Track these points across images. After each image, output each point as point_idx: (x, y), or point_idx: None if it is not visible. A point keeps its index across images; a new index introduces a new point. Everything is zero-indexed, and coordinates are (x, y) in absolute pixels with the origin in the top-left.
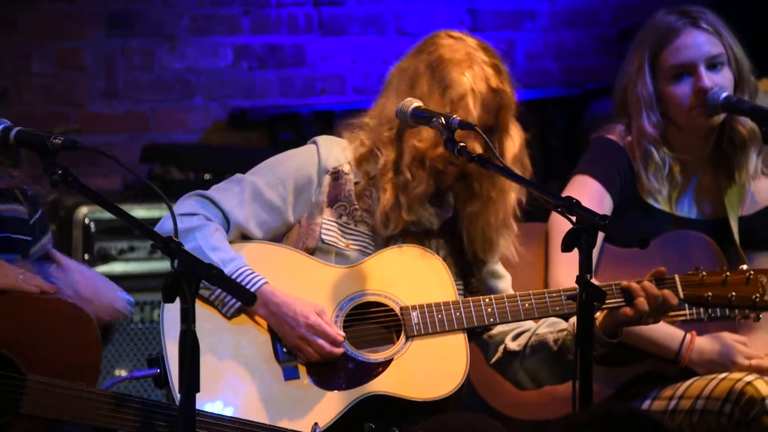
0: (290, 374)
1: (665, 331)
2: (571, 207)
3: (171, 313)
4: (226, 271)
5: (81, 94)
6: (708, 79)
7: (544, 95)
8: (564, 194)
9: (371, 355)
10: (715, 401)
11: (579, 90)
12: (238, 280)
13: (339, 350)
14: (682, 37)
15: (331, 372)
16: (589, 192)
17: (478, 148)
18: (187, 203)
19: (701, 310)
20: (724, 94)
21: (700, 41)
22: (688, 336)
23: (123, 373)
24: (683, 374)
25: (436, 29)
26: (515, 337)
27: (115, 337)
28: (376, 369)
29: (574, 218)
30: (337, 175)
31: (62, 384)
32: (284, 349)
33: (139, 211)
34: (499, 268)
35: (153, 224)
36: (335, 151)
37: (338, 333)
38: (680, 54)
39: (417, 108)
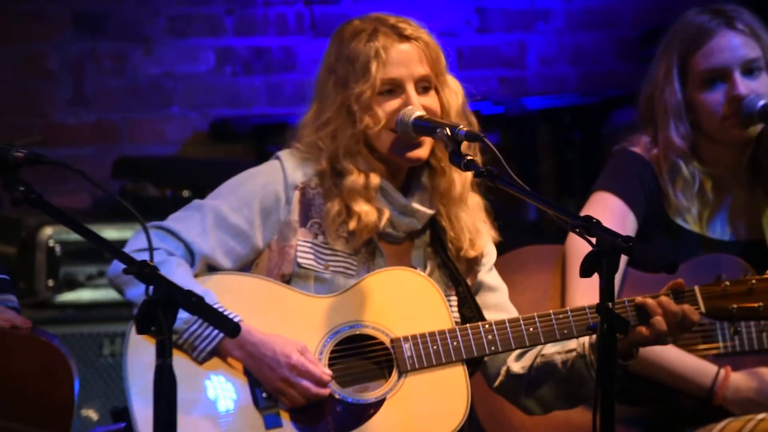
0: (272, 422)
1: (696, 366)
2: (591, 227)
3: (135, 361)
4: None
5: (45, 102)
6: (743, 85)
7: (558, 104)
8: (582, 213)
9: (361, 396)
10: None
11: (597, 98)
12: None
13: (326, 391)
14: (716, 39)
15: (317, 417)
16: (610, 211)
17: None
18: (143, 238)
19: (736, 342)
20: (762, 102)
21: (736, 44)
22: (722, 371)
23: (91, 413)
24: (717, 414)
25: (441, 30)
26: (519, 357)
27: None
28: (367, 411)
29: (593, 240)
30: (305, 190)
31: (28, 430)
32: (264, 395)
33: (110, 232)
34: (491, 278)
35: (124, 246)
36: (301, 165)
37: (324, 372)
38: (713, 58)
39: (419, 118)
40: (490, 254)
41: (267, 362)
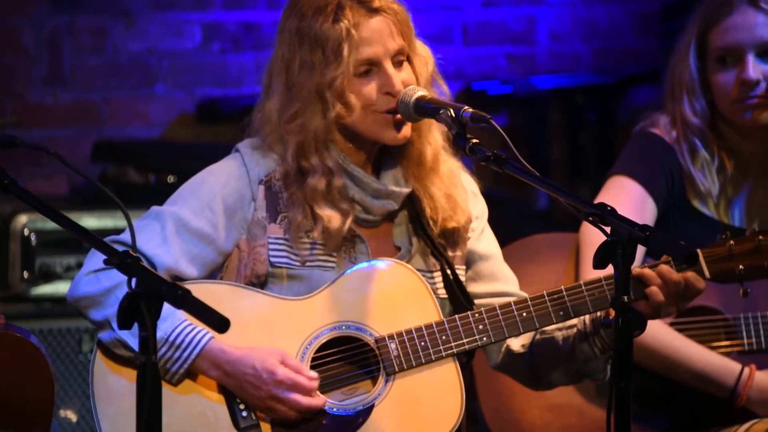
0: None
1: (719, 364)
2: (605, 216)
3: (101, 383)
4: (160, 333)
5: (19, 80)
6: (755, 69)
7: (571, 83)
8: (598, 199)
9: (348, 405)
10: None
11: (613, 76)
12: (177, 341)
13: (320, 400)
14: (734, 15)
15: None
16: (628, 196)
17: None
18: (99, 256)
19: (762, 338)
20: None
21: (754, 23)
22: (746, 370)
23: (69, 414)
24: (741, 415)
25: (444, 4)
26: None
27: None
28: (355, 421)
29: (608, 229)
30: (270, 183)
31: None
32: (243, 413)
33: (89, 220)
34: (482, 245)
35: (105, 235)
36: (262, 156)
37: (309, 377)
38: (728, 36)
39: (421, 98)
40: (480, 217)
41: (249, 380)
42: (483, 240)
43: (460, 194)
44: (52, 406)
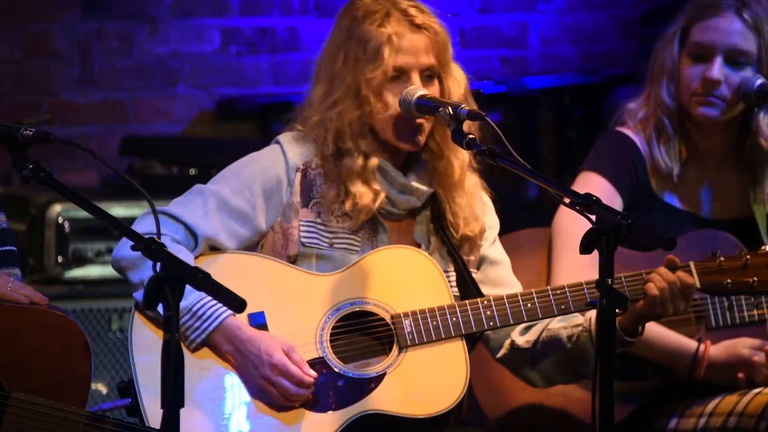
0: None
1: (677, 344)
2: (591, 205)
3: (138, 336)
4: (185, 302)
5: (53, 81)
6: (719, 71)
7: (559, 83)
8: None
9: (362, 370)
10: (750, 418)
11: (598, 77)
12: (199, 312)
13: (306, 392)
14: (718, 18)
15: (319, 392)
16: (596, 190)
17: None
18: (144, 223)
19: (727, 316)
20: (759, 81)
21: (732, 29)
22: (702, 347)
23: (100, 386)
24: (714, 389)
25: (443, 11)
26: (523, 331)
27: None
28: (368, 385)
29: (593, 217)
30: (306, 171)
31: (46, 403)
32: None
33: (118, 209)
34: (494, 252)
35: (132, 223)
36: (300, 147)
37: (306, 373)
38: (706, 34)
39: (421, 97)
40: (493, 227)
41: (251, 359)
42: (494, 248)
43: (478, 206)
44: (90, 380)
